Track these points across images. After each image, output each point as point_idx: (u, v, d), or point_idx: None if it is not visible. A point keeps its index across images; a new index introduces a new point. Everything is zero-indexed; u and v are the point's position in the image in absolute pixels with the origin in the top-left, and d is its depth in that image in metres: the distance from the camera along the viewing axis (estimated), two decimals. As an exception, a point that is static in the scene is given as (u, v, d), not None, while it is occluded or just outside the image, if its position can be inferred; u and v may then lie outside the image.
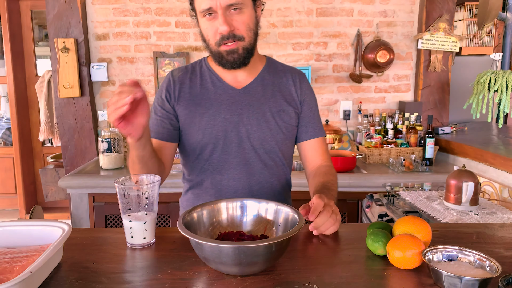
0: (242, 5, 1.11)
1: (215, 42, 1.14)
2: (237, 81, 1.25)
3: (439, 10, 2.82)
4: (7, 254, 0.81)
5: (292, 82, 1.30)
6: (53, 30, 2.74)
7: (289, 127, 1.28)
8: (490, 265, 0.77)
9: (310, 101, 1.32)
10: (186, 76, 1.27)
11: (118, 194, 0.92)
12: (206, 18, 1.12)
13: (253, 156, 1.24)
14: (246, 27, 1.13)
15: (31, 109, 4.06)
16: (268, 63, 1.32)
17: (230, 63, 1.16)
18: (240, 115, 1.22)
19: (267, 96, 1.25)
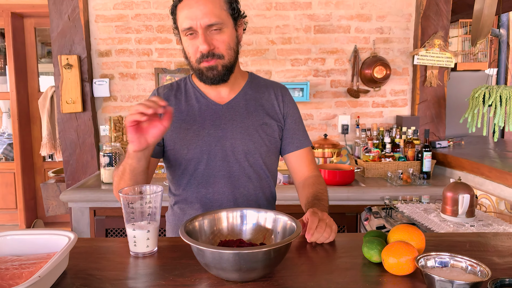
0: (222, 25, 1.16)
1: (195, 59, 1.19)
2: (221, 96, 1.30)
3: (433, 27, 2.89)
4: (15, 262, 0.84)
5: (274, 97, 1.34)
6: (57, 47, 2.81)
7: (272, 139, 1.31)
8: (481, 270, 0.80)
9: (294, 114, 1.36)
10: (171, 93, 1.32)
11: (122, 204, 0.95)
12: (187, 37, 1.17)
13: (237, 169, 1.27)
14: (226, 46, 1.18)
15: (33, 125, 4.11)
16: (251, 78, 1.37)
17: (210, 79, 1.20)
18: (224, 130, 1.26)
19: (250, 111, 1.29)
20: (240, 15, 1.24)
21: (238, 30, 1.24)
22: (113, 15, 2.85)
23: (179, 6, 1.18)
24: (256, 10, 2.88)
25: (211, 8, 1.14)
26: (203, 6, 1.13)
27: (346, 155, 3.00)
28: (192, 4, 1.14)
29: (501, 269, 0.90)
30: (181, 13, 1.16)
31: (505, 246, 1.05)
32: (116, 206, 2.38)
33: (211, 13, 1.13)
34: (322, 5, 2.89)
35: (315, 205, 1.17)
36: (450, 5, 2.89)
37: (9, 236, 0.91)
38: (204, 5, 1.13)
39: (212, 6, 1.14)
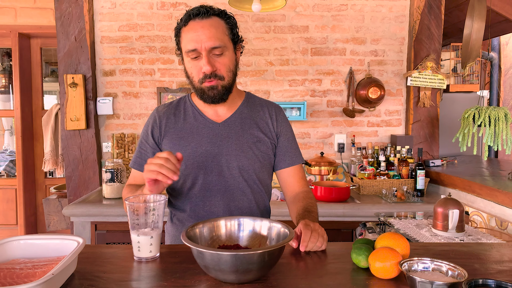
0: (224, 49, 1.26)
1: (198, 80, 1.28)
2: (218, 115, 1.38)
3: (426, 50, 3.01)
4: (28, 263, 0.90)
5: (268, 115, 1.42)
6: (63, 66, 2.91)
7: (266, 156, 1.38)
8: (459, 273, 0.87)
9: (287, 132, 1.44)
10: (170, 111, 1.40)
11: (128, 211, 1.02)
12: (191, 59, 1.27)
13: (232, 184, 1.34)
14: (227, 68, 1.28)
15: (36, 142, 4.19)
16: (247, 98, 1.45)
17: (211, 98, 1.29)
18: (220, 147, 1.34)
19: (245, 128, 1.37)
20: (239, 40, 1.34)
21: (237, 53, 1.34)
22: (118, 37, 2.97)
23: (184, 29, 1.27)
24: (256, 33, 3.00)
25: (214, 32, 1.24)
26: (207, 30, 1.23)
27: (342, 173, 3.08)
28: (198, 28, 1.24)
29: (480, 274, 0.96)
30: (186, 36, 1.26)
31: (487, 255, 1.11)
32: (117, 221, 2.43)
33: (215, 37, 1.23)
34: (319, 29, 3.02)
35: (306, 216, 1.23)
36: (441, 29, 3.01)
37: (22, 240, 0.98)
38: (208, 30, 1.23)
39: (216, 31, 1.24)
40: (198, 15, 1.25)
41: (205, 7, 1.26)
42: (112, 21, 2.96)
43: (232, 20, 1.32)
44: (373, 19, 3.04)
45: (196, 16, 1.25)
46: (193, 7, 1.28)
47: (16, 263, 0.91)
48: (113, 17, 2.96)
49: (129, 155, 2.95)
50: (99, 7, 2.95)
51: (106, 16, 2.96)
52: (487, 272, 0.98)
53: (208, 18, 1.25)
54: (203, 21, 1.24)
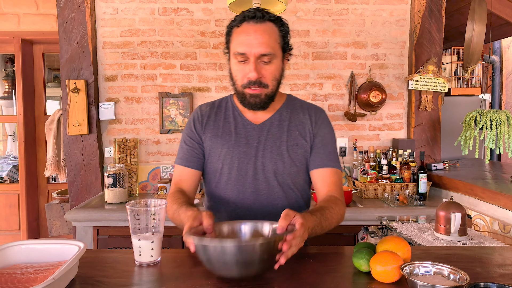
0: (273, 57, 1.23)
1: (241, 84, 1.26)
2: (257, 117, 1.36)
3: (427, 53, 3.02)
4: (29, 268, 0.91)
5: (308, 117, 1.38)
6: (65, 72, 2.93)
7: (303, 160, 1.34)
8: (461, 276, 0.86)
9: (323, 134, 1.37)
10: (212, 110, 1.41)
11: (129, 216, 1.02)
12: (238, 61, 1.24)
13: (266, 188, 1.31)
14: (273, 77, 1.26)
15: (39, 147, 4.20)
16: (287, 100, 1.42)
17: (251, 105, 1.28)
18: (256, 149, 1.32)
19: (283, 131, 1.34)
20: (289, 48, 1.31)
21: (284, 61, 1.32)
22: (120, 42, 2.99)
23: (236, 29, 1.25)
24: (257, 38, 3.01)
25: (267, 39, 1.21)
26: (260, 36, 1.20)
27: (344, 177, 3.07)
28: (250, 31, 1.21)
29: (482, 278, 0.96)
30: (237, 38, 1.24)
31: (489, 258, 1.11)
32: (119, 226, 2.43)
33: (266, 44, 1.21)
34: (320, 33, 3.03)
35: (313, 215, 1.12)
36: (442, 33, 3.02)
37: (23, 245, 0.99)
38: (261, 35, 1.21)
39: (268, 38, 1.22)
40: (253, 18, 1.22)
41: (261, 10, 1.24)
42: (114, 26, 2.98)
43: (286, 27, 1.29)
44: (374, 23, 3.04)
45: (251, 18, 1.22)
46: (249, 9, 1.25)
47: (18, 268, 0.91)
48: (115, 22, 2.98)
49: (131, 159, 2.95)
50: (101, 13, 2.97)
51: (108, 21, 2.98)
52: (489, 276, 0.97)
53: (262, 22, 1.23)
54: (257, 25, 1.22)
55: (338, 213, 1.24)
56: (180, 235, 2.44)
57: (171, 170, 3.04)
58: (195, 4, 2.99)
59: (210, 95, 3.03)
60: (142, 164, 3.04)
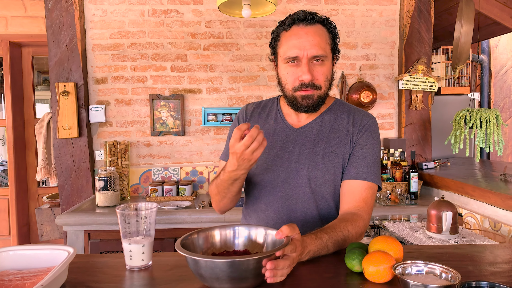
0: (325, 58, 1.21)
1: (292, 87, 1.23)
2: (298, 120, 1.33)
3: (416, 53, 3.04)
4: (17, 274, 0.89)
5: (351, 123, 1.30)
6: (54, 75, 2.90)
7: (339, 168, 1.27)
8: (452, 275, 0.87)
9: (365, 143, 1.28)
10: (257, 110, 1.41)
11: (119, 219, 1.01)
12: (288, 65, 1.22)
13: (297, 194, 1.27)
14: (325, 78, 1.23)
15: (28, 151, 4.15)
16: (334, 104, 1.35)
17: (304, 107, 1.24)
18: (291, 153, 1.29)
19: (322, 137, 1.29)
20: (338, 50, 1.29)
21: (334, 63, 1.30)
22: (110, 44, 2.96)
23: (285, 33, 1.23)
24: (248, 39, 3.01)
25: (319, 41, 1.20)
26: (312, 37, 1.19)
27: (336, 177, 3.08)
28: (302, 34, 1.20)
29: (474, 276, 0.96)
30: (288, 42, 1.22)
31: (481, 256, 1.12)
32: (110, 229, 2.41)
33: (318, 46, 1.19)
34: (310, 34, 3.03)
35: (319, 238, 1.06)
36: (431, 33, 3.04)
37: (11, 251, 0.97)
38: (313, 37, 1.19)
39: (320, 39, 1.20)
40: (303, 20, 1.20)
41: (311, 13, 1.21)
42: (103, 29, 2.96)
43: (335, 29, 1.27)
44: (363, 24, 3.06)
45: (301, 21, 1.21)
46: (297, 12, 1.23)
47: (5, 275, 0.89)
48: (104, 25, 2.96)
49: (122, 162, 2.93)
50: (90, 15, 2.94)
51: (98, 24, 2.95)
52: (480, 274, 0.98)
53: (313, 25, 1.21)
54: (308, 28, 1.21)
55: (353, 235, 1.15)
56: (172, 238, 2.44)
57: (163, 173, 3.02)
58: (185, 6, 2.98)
59: (201, 96, 3.02)
60: (133, 167, 3.02)
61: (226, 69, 3.01)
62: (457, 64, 2.65)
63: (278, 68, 1.28)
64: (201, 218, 2.45)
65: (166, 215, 2.42)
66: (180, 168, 3.03)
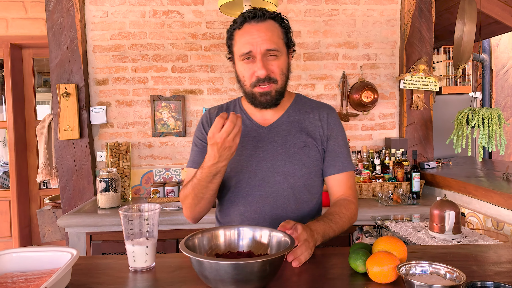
0: (279, 53, 1.24)
1: (250, 84, 1.26)
2: (265, 119, 1.35)
3: (418, 53, 3.03)
4: (21, 277, 0.89)
5: (318, 118, 1.36)
6: (55, 76, 2.89)
7: (314, 161, 1.31)
8: (457, 275, 0.86)
9: (337, 136, 1.35)
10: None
11: (122, 221, 1.01)
12: (244, 62, 1.25)
13: (276, 191, 1.28)
14: (280, 71, 1.26)
15: (29, 153, 4.15)
16: (296, 100, 1.40)
17: (263, 104, 1.27)
18: (265, 151, 1.30)
19: (292, 132, 1.32)
20: (292, 43, 1.32)
21: (289, 57, 1.32)
22: (110, 45, 2.96)
23: (238, 32, 1.26)
24: (248, 39, 3.00)
25: (270, 36, 1.23)
26: (263, 33, 1.22)
27: (338, 177, 3.07)
28: (253, 31, 1.22)
29: (478, 276, 0.96)
30: (241, 39, 1.24)
31: (484, 256, 1.11)
32: (112, 231, 2.41)
33: (270, 40, 1.22)
34: (311, 34, 3.03)
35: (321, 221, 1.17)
36: (432, 32, 3.03)
37: (15, 253, 0.97)
38: (264, 33, 1.22)
39: (272, 34, 1.23)
40: (254, 18, 1.23)
41: (261, 10, 1.25)
42: (104, 30, 2.96)
43: (287, 23, 1.30)
44: (364, 23, 3.05)
45: (252, 19, 1.23)
46: (248, 10, 1.26)
47: (9, 277, 0.89)
48: (105, 26, 2.95)
49: (123, 164, 2.93)
50: (90, 17, 2.94)
51: (98, 25, 2.95)
52: (485, 274, 0.97)
53: (264, 21, 1.24)
54: (259, 24, 1.23)
55: (348, 216, 1.27)
56: (174, 239, 2.43)
57: (164, 174, 3.02)
58: (185, 7, 2.97)
59: (202, 97, 3.02)
60: (134, 168, 3.01)
61: (227, 70, 3.00)
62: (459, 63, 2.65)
63: (236, 66, 1.31)
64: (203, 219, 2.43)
65: (168, 216, 2.42)
66: (181, 169, 3.03)
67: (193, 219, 1.32)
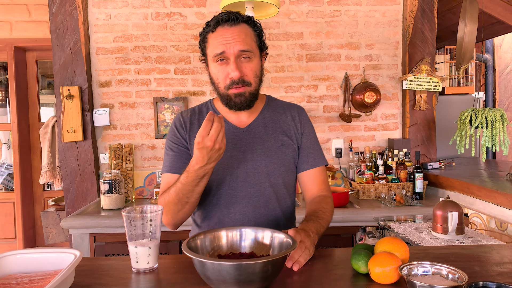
0: (252, 54, 1.26)
1: (224, 86, 1.27)
2: (241, 121, 1.37)
3: (420, 53, 3.03)
4: (25, 278, 0.90)
5: (291, 117, 1.41)
6: (59, 78, 2.91)
7: (291, 159, 1.37)
8: (459, 276, 0.86)
9: (309, 133, 1.42)
10: (194, 117, 1.40)
11: (125, 222, 1.02)
12: (217, 63, 1.26)
13: (258, 190, 1.31)
14: (254, 74, 1.28)
15: (33, 155, 4.18)
16: (268, 101, 1.44)
17: (237, 105, 1.28)
18: (245, 152, 1.32)
19: (269, 133, 1.36)
20: (265, 47, 1.34)
21: (262, 60, 1.34)
22: (113, 48, 2.98)
23: (211, 34, 1.27)
24: (250, 41, 3.01)
25: (243, 38, 1.25)
26: (236, 35, 1.24)
27: (341, 178, 3.07)
28: (227, 33, 1.24)
29: (481, 277, 0.96)
30: (214, 41, 1.26)
31: (487, 257, 1.11)
32: (115, 232, 2.42)
33: (243, 42, 1.24)
34: (313, 35, 3.03)
35: (310, 220, 1.21)
36: (435, 33, 3.03)
37: (18, 254, 0.97)
38: (237, 35, 1.24)
39: (245, 36, 1.25)
40: (227, 21, 1.25)
41: (234, 13, 1.27)
42: (107, 32, 2.97)
43: (259, 27, 1.33)
44: (366, 24, 3.05)
45: (225, 22, 1.25)
46: (221, 13, 1.28)
47: (13, 278, 0.90)
48: (108, 28, 2.97)
49: (126, 165, 2.94)
50: (93, 19, 2.96)
51: (101, 27, 2.97)
52: (487, 275, 0.97)
53: (237, 24, 1.26)
54: (232, 28, 1.25)
55: (330, 210, 1.33)
56: (177, 240, 2.44)
57: (167, 175, 3.02)
58: (188, 9, 2.99)
59: (204, 99, 3.02)
60: (137, 169, 3.02)
61: (229, 71, 3.01)
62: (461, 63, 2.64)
63: (209, 68, 1.32)
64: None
65: (171, 218, 2.42)
66: (184, 171, 3.03)
67: (174, 225, 1.30)
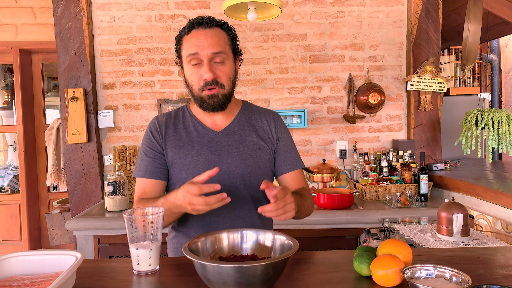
0: (225, 57, 1.30)
1: (198, 88, 1.30)
2: (216, 124, 1.40)
3: (425, 54, 3.01)
4: (26, 280, 0.90)
5: (266, 122, 1.44)
6: (63, 81, 2.93)
7: (266, 163, 1.40)
8: (463, 279, 0.85)
9: (285, 138, 1.46)
10: (170, 121, 1.42)
11: (126, 224, 1.01)
12: (192, 66, 1.29)
13: (233, 192, 1.33)
14: (227, 77, 1.31)
15: (39, 157, 4.20)
16: (244, 106, 1.48)
17: (210, 107, 1.32)
18: (220, 155, 1.35)
19: (244, 136, 1.39)
20: (239, 52, 1.38)
21: (236, 64, 1.38)
22: (118, 50, 2.99)
23: (186, 37, 1.31)
24: (254, 42, 3.01)
25: (217, 40, 1.28)
26: (210, 38, 1.28)
27: (345, 179, 3.06)
28: (200, 36, 1.28)
29: (485, 280, 0.94)
30: (188, 43, 1.29)
31: (492, 259, 1.10)
32: (120, 234, 2.42)
33: (217, 44, 1.28)
34: (317, 36, 3.03)
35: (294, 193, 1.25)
36: (439, 33, 3.01)
37: (20, 256, 0.97)
38: (211, 37, 1.28)
39: (218, 39, 1.29)
40: (201, 24, 1.29)
41: (208, 17, 1.31)
42: (111, 34, 2.98)
43: (233, 32, 1.37)
44: (370, 25, 3.04)
45: (200, 25, 1.29)
46: (196, 17, 1.32)
47: (14, 280, 0.90)
48: (112, 30, 2.98)
49: (131, 167, 2.94)
50: (98, 21, 2.97)
51: (105, 30, 2.98)
52: (492, 277, 0.96)
53: (210, 28, 1.30)
54: (206, 30, 1.29)
55: (311, 203, 1.40)
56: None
57: (171, 177, 3.03)
58: (191, 10, 2.99)
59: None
60: (142, 171, 3.02)
61: (233, 73, 3.01)
62: (466, 64, 2.62)
63: (184, 71, 1.35)
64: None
65: (175, 219, 2.42)
66: (188, 172, 3.04)
67: None
